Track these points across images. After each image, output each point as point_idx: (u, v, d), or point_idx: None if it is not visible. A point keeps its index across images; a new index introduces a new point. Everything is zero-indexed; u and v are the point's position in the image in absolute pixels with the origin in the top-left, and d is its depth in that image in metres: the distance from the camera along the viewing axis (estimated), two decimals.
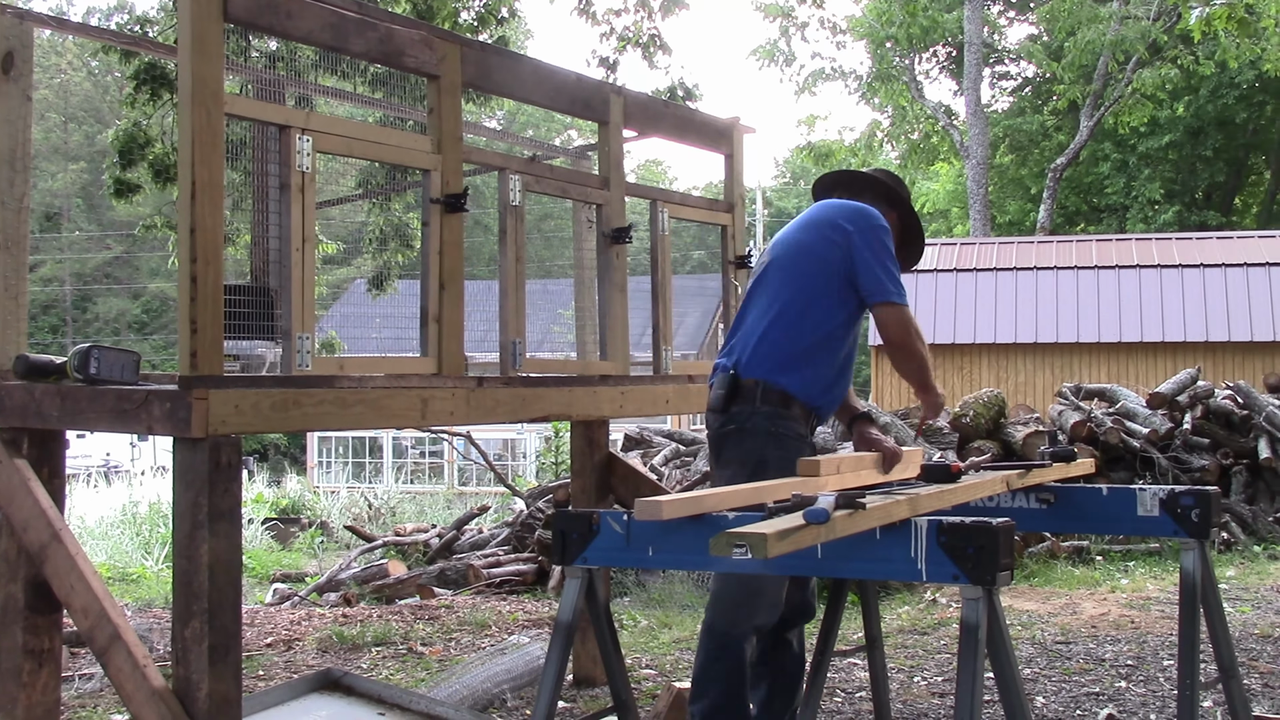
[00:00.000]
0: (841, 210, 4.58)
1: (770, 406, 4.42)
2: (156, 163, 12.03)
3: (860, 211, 4.55)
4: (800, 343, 4.48)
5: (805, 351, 4.47)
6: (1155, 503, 4.06)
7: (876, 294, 4.43)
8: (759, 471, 4.29)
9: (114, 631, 4.06)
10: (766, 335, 4.50)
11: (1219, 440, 12.24)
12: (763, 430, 4.40)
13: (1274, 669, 6.49)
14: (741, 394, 4.45)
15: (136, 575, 13.46)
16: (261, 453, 38.29)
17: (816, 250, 4.51)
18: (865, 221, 4.51)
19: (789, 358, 4.47)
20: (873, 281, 4.44)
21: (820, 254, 4.49)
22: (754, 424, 4.41)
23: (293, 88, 7.14)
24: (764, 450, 4.40)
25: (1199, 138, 34.48)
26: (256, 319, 4.46)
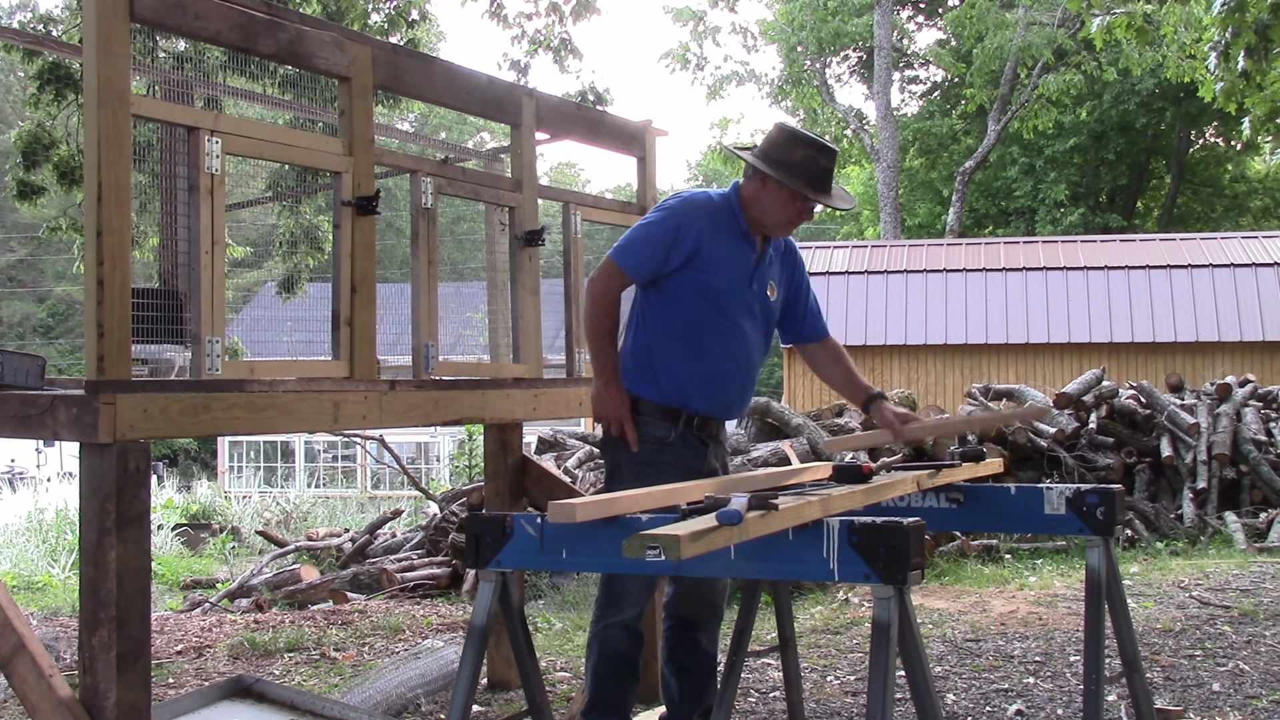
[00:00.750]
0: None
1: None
2: (61, 164, 11.84)
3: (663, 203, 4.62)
4: (645, 343, 4.53)
5: (651, 352, 4.51)
6: (1062, 501, 4.12)
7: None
8: (614, 475, 4.53)
9: (18, 641, 3.99)
10: (623, 343, 4.61)
11: (1123, 439, 12.46)
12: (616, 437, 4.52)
13: (1175, 662, 6.62)
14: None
15: (42, 583, 13.22)
16: (171, 458, 37.73)
17: None
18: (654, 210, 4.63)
19: (636, 361, 4.54)
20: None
21: None
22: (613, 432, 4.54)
23: (201, 89, 7.06)
24: (616, 455, 4.53)
25: (1102, 142, 35.12)
26: (165, 322, 4.40)
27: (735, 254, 4.49)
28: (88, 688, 3.82)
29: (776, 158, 4.39)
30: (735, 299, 4.48)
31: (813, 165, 4.37)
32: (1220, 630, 7.42)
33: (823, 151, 4.41)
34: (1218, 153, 38.72)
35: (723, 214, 4.50)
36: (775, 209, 4.44)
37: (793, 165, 4.36)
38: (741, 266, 4.51)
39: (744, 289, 4.51)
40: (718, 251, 4.44)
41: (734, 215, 4.50)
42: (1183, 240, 23.77)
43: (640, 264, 4.44)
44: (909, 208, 37.10)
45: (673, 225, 4.42)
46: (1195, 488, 11.80)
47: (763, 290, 4.59)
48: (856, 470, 3.87)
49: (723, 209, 4.51)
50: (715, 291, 4.43)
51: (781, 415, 11.94)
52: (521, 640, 3.64)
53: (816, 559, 3.03)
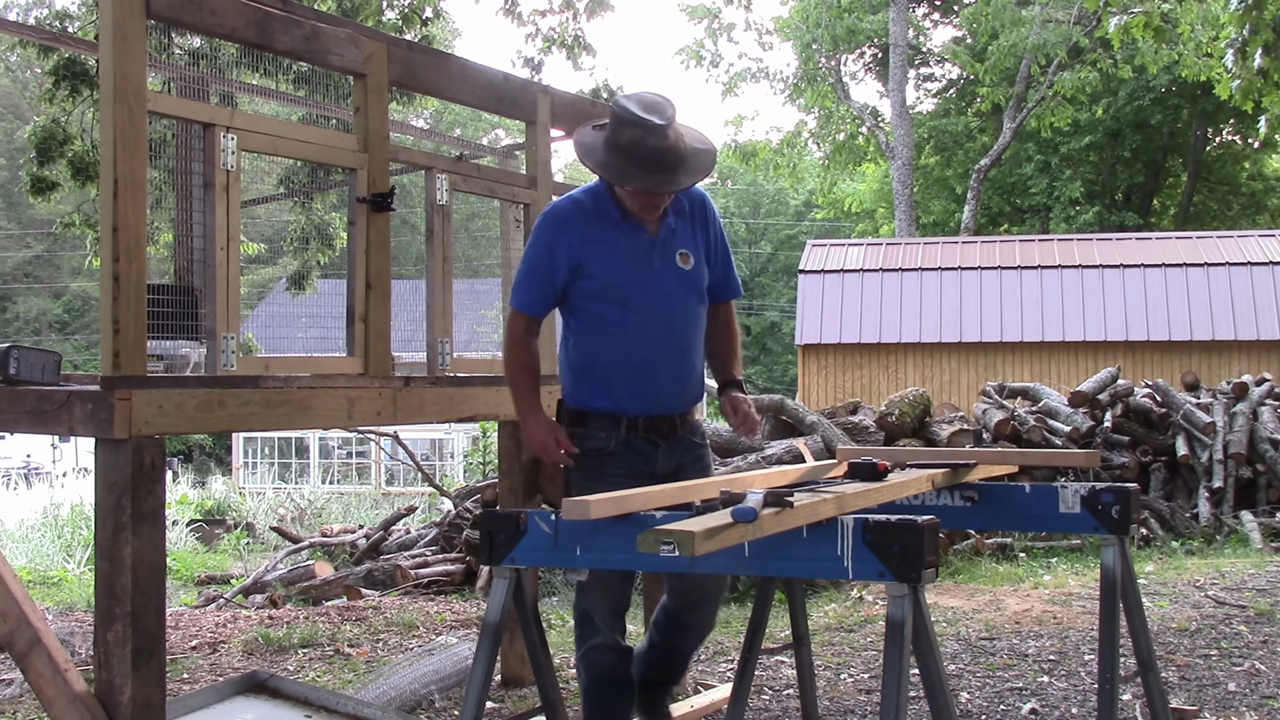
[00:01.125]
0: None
1: (568, 426, 4.41)
2: (76, 160, 11.88)
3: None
4: (570, 357, 4.44)
5: (577, 364, 4.40)
6: (1077, 500, 4.11)
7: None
8: (565, 493, 4.31)
9: (34, 636, 4.01)
10: (559, 362, 4.58)
11: (1138, 438, 12.42)
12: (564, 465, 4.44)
13: (1190, 662, 6.60)
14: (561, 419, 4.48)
15: (58, 578, 13.27)
16: (186, 454, 37.83)
17: None
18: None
19: (567, 371, 4.47)
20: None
21: None
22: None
23: (216, 85, 7.07)
24: (567, 473, 4.43)
25: (1118, 139, 35.00)
26: (180, 319, 4.41)
27: (622, 243, 4.29)
28: (103, 682, 3.83)
29: (611, 141, 4.13)
30: (639, 288, 4.27)
31: (641, 148, 4.06)
32: (1236, 630, 7.40)
33: (651, 131, 4.06)
34: (1234, 150, 38.57)
35: (593, 210, 4.31)
36: (626, 198, 4.25)
37: (621, 150, 4.10)
38: (634, 251, 4.29)
39: (646, 273, 4.28)
40: (600, 249, 4.26)
41: (606, 205, 4.30)
42: (1199, 238, 23.68)
43: (532, 298, 4.34)
44: (924, 205, 37.03)
45: (544, 246, 4.29)
46: (1211, 487, 11.77)
47: (670, 263, 4.33)
48: (872, 468, 3.87)
49: (591, 205, 4.32)
50: (613, 288, 4.26)
51: (795, 413, 11.93)
52: (535, 637, 3.64)
53: (831, 556, 3.03)
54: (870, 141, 34.73)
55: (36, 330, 47.90)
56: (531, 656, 3.70)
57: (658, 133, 4.05)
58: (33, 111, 33.71)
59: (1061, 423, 12.28)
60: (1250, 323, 21.17)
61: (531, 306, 4.35)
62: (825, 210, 45.26)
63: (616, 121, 4.11)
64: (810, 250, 24.55)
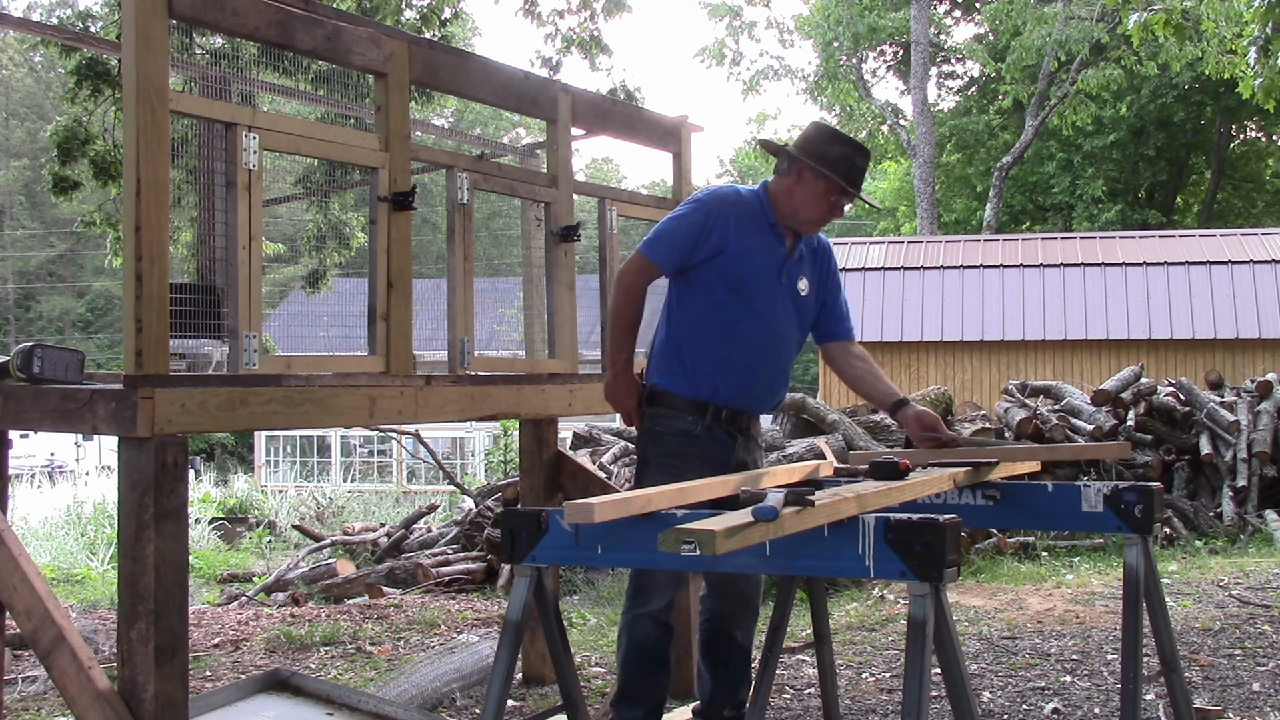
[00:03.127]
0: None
1: (653, 407, 4.58)
2: (98, 159, 11.93)
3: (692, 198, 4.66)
4: (674, 336, 4.58)
5: (679, 344, 4.55)
6: (1099, 499, 4.09)
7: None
8: (642, 469, 4.61)
9: (58, 633, 4.02)
10: (655, 338, 4.68)
11: (1161, 437, 12.38)
12: (645, 430, 4.61)
13: (1214, 662, 6.57)
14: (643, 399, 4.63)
15: (81, 576, 13.34)
16: (208, 452, 37.99)
17: None
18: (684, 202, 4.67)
19: (665, 355, 4.59)
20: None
21: None
22: (643, 425, 4.63)
23: (237, 84, 7.09)
24: (645, 448, 4.61)
25: (1141, 137, 34.86)
26: (203, 317, 4.42)
27: (763, 247, 4.50)
28: (126, 680, 3.85)
29: (814, 152, 4.41)
30: (763, 292, 4.50)
31: (848, 162, 4.41)
32: (1260, 630, 7.36)
33: (858, 151, 4.46)
34: (1259, 148, 38.40)
35: (751, 208, 4.52)
36: (808, 203, 4.46)
37: (829, 159, 4.38)
38: (770, 260, 4.52)
39: (772, 282, 4.52)
40: (745, 244, 4.46)
41: (763, 209, 4.52)
42: (1223, 236, 23.55)
43: (668, 255, 4.46)
44: (945, 203, 36.95)
45: (700, 217, 4.46)
46: (1235, 486, 11.72)
47: (793, 285, 4.59)
48: (893, 466, 3.85)
49: (751, 203, 4.53)
50: (742, 282, 4.46)
51: (817, 411, 11.92)
52: (556, 635, 3.64)
53: (852, 555, 3.02)
54: (891, 140, 34.68)
55: (60, 329, 48.14)
56: (553, 655, 3.70)
57: (864, 154, 4.48)
58: (55, 111, 33.85)
59: (1084, 421, 12.24)
60: (1274, 320, 21.05)
61: (665, 261, 4.47)
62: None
63: (824, 138, 4.45)
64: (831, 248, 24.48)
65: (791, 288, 4.58)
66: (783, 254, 4.54)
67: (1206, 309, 21.44)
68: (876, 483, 3.70)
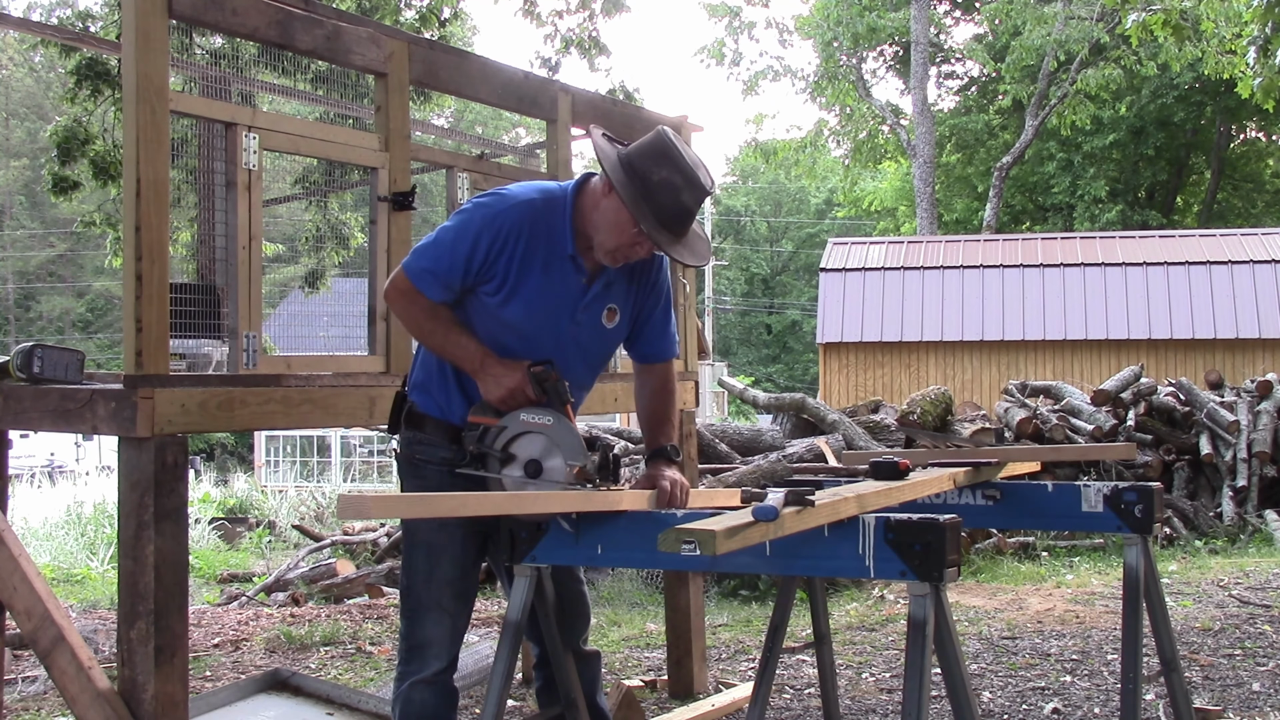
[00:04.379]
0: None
1: (410, 430, 3.79)
2: (97, 160, 11.93)
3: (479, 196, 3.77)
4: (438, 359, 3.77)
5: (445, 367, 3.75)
6: (1099, 499, 4.09)
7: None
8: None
9: (58, 633, 4.02)
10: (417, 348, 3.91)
11: (1161, 437, 12.38)
12: (404, 457, 3.83)
13: (1214, 662, 6.57)
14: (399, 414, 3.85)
15: (81, 576, 13.33)
16: (208, 452, 38.00)
17: None
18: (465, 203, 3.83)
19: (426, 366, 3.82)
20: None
21: None
22: (401, 451, 3.85)
23: (237, 84, 7.09)
24: (405, 480, 3.87)
25: (1141, 137, 34.87)
26: (203, 317, 4.42)
27: (556, 281, 3.62)
28: (126, 680, 3.84)
29: (638, 168, 3.49)
30: (548, 334, 3.65)
31: (670, 195, 3.47)
32: (1260, 630, 7.36)
33: (690, 185, 3.49)
34: (1259, 148, 38.40)
35: (546, 223, 3.61)
36: (608, 230, 3.55)
37: (648, 185, 3.47)
38: (562, 295, 3.64)
39: (562, 322, 3.67)
40: (533, 278, 3.59)
41: (562, 231, 3.61)
42: (1223, 236, 23.57)
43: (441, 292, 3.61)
44: (945, 203, 36.95)
45: (474, 248, 3.56)
46: (1235, 485, 11.72)
47: (594, 320, 3.73)
48: (893, 466, 3.85)
49: (548, 222, 3.62)
50: (524, 322, 3.62)
51: (817, 411, 11.92)
52: (556, 636, 3.64)
53: (852, 555, 3.02)
54: (891, 139, 34.69)
55: (60, 329, 48.16)
56: (552, 655, 3.70)
57: (696, 190, 3.52)
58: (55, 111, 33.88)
59: (1084, 421, 12.25)
60: (1274, 320, 21.06)
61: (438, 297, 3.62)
62: (846, 209, 45.25)
63: (655, 153, 3.50)
64: (831, 249, 24.54)
65: (593, 322, 3.73)
66: (581, 285, 3.66)
67: (1206, 309, 21.45)
68: (876, 483, 3.69)
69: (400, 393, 3.86)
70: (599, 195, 3.57)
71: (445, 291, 3.60)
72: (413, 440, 3.78)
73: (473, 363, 3.59)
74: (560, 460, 3.43)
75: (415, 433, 3.77)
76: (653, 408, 3.95)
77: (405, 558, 3.80)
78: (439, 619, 3.70)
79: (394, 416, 3.85)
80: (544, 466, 3.45)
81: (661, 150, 3.49)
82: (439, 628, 3.70)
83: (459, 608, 3.74)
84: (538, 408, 3.47)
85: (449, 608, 3.71)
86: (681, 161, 3.48)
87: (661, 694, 6.19)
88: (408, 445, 3.80)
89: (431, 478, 3.71)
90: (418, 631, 3.72)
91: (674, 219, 3.49)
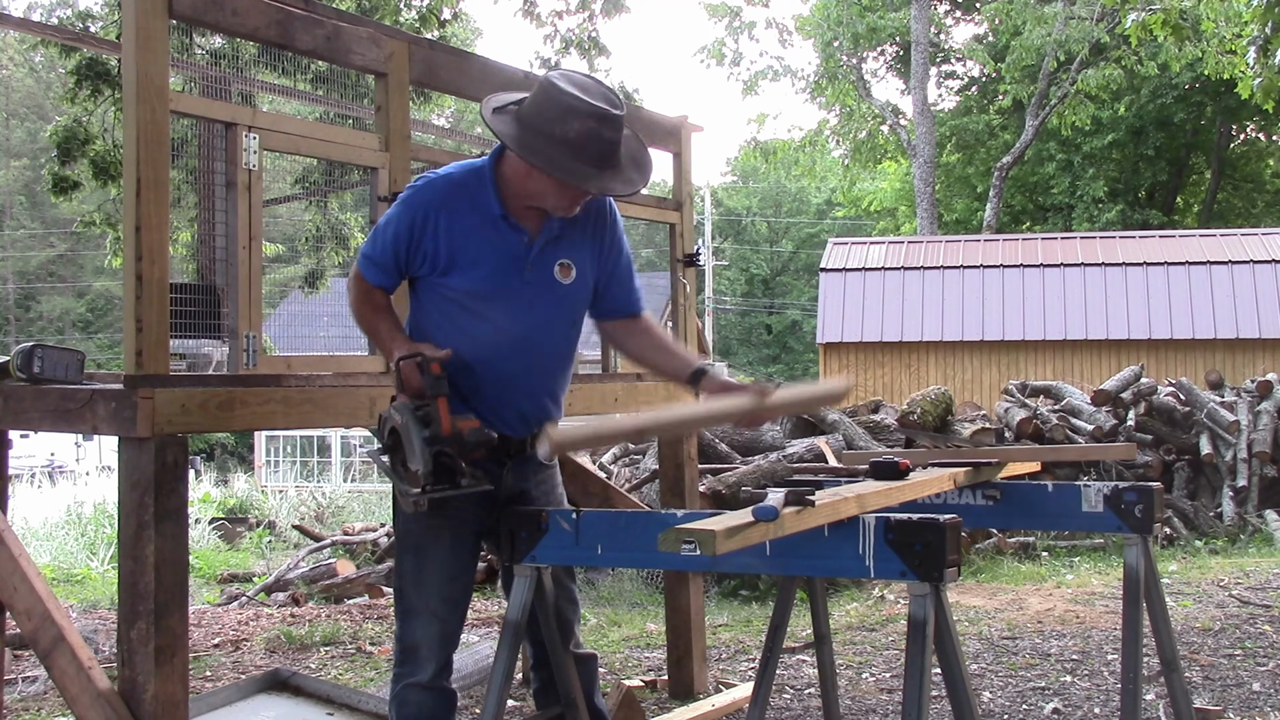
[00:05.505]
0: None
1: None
2: (97, 160, 11.93)
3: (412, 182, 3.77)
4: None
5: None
6: (1100, 499, 4.09)
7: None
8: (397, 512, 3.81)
9: (58, 633, 4.02)
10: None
11: (1162, 437, 12.38)
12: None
13: (1214, 662, 6.57)
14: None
15: (81, 576, 13.33)
16: (208, 452, 38.00)
17: None
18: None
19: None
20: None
21: None
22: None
23: (237, 84, 7.09)
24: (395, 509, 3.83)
25: (1141, 137, 34.85)
26: (203, 318, 4.42)
27: (494, 244, 3.60)
28: (126, 680, 3.84)
29: (544, 131, 3.42)
30: (502, 298, 3.61)
31: (592, 141, 3.41)
32: (1260, 630, 7.37)
33: (605, 121, 3.42)
34: (1259, 148, 38.38)
35: (468, 191, 3.60)
36: (544, 193, 3.53)
37: (567, 143, 3.41)
38: (504, 256, 3.60)
39: (511, 282, 3.61)
40: (466, 247, 3.58)
41: (488, 196, 3.60)
42: (1223, 236, 23.57)
43: (385, 278, 3.67)
44: (946, 203, 36.94)
45: (403, 229, 3.58)
46: (1235, 485, 11.72)
47: (546, 275, 3.66)
48: (894, 466, 3.86)
49: (470, 192, 3.61)
50: (472, 294, 3.60)
51: (817, 411, 11.91)
52: (556, 636, 3.65)
53: (852, 555, 3.02)
54: (892, 139, 34.69)
55: (60, 329, 48.16)
56: (552, 655, 3.70)
57: (613, 124, 3.45)
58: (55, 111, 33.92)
59: (1084, 421, 12.25)
60: (1274, 320, 21.06)
61: (383, 284, 3.68)
62: (846, 209, 45.26)
63: (557, 111, 3.41)
64: (832, 248, 24.54)
65: (545, 279, 3.66)
66: (523, 244, 3.62)
67: (1206, 309, 21.44)
68: (876, 483, 3.69)
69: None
70: (522, 168, 3.52)
71: (382, 275, 3.65)
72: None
73: (385, 350, 3.72)
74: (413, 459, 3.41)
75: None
76: (655, 343, 3.88)
77: (396, 560, 3.80)
78: (428, 622, 3.69)
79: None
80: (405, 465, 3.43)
81: (561, 103, 3.41)
82: (428, 631, 3.70)
83: (449, 611, 3.73)
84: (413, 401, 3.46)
85: (438, 611, 3.69)
86: (583, 104, 3.40)
87: (661, 694, 6.19)
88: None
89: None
90: (409, 634, 3.72)
91: (596, 157, 3.44)
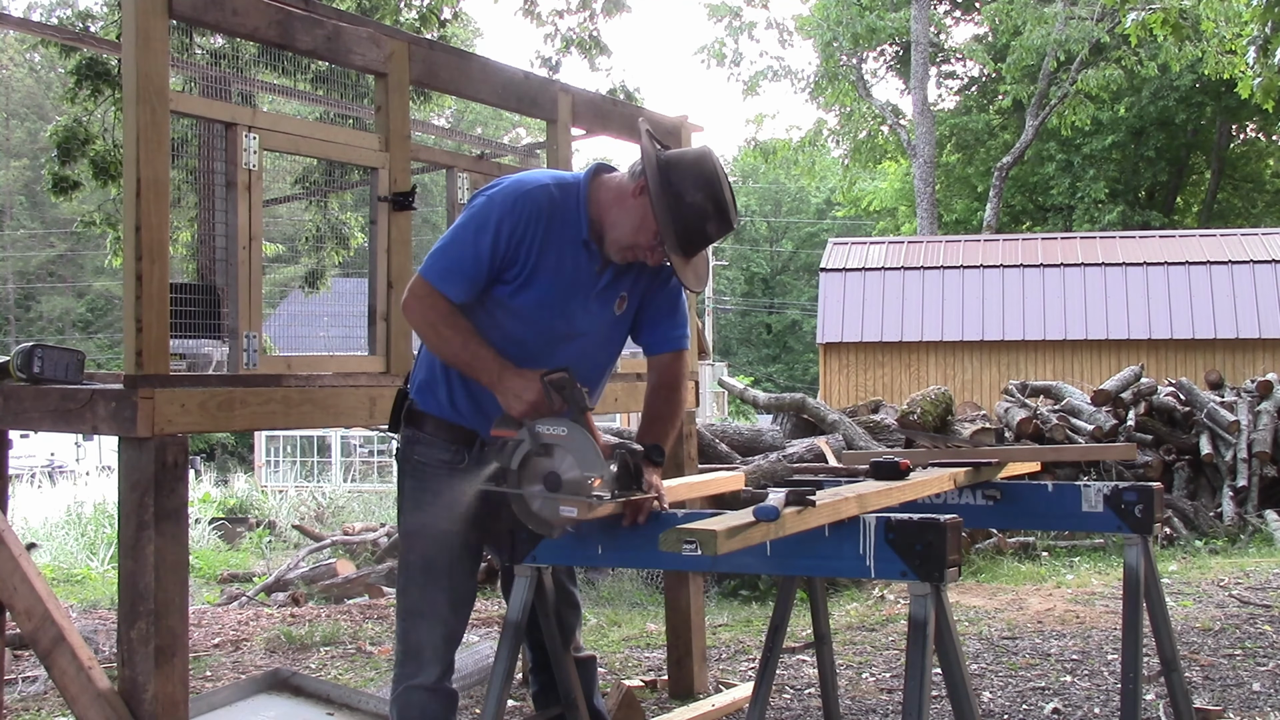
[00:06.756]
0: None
1: (410, 428, 3.75)
2: (97, 159, 11.93)
3: (488, 187, 3.65)
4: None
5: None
6: (1100, 499, 4.09)
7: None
8: (401, 503, 3.83)
9: (58, 633, 4.02)
10: (420, 347, 3.83)
11: (1162, 437, 12.38)
12: (403, 456, 3.78)
13: (1214, 662, 6.57)
14: (399, 413, 3.81)
15: (81, 576, 13.32)
16: (208, 452, 38.01)
17: None
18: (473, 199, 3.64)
19: (429, 364, 3.75)
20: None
21: None
22: (401, 450, 3.80)
23: (237, 84, 7.09)
24: (403, 478, 3.81)
25: (1141, 138, 34.85)
26: (203, 318, 4.42)
27: (570, 266, 3.56)
28: (126, 680, 3.84)
29: (675, 183, 3.43)
30: (561, 321, 3.60)
31: (698, 220, 3.43)
32: (1260, 630, 7.36)
33: (719, 216, 3.46)
34: (1259, 148, 38.39)
35: (563, 216, 3.55)
36: (629, 227, 3.51)
37: (681, 203, 3.42)
38: (576, 281, 3.58)
39: (575, 309, 3.61)
40: (549, 265, 3.53)
41: (578, 216, 3.56)
42: (1223, 236, 23.57)
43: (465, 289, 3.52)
44: (946, 203, 36.94)
45: (500, 238, 3.47)
46: (1235, 485, 11.72)
47: (605, 307, 3.67)
48: (894, 466, 3.85)
49: (565, 209, 3.55)
50: (539, 310, 3.57)
51: (817, 411, 11.92)
52: (556, 636, 3.64)
53: (853, 555, 3.02)
54: (891, 139, 34.69)
55: (60, 329, 48.15)
56: (552, 655, 3.70)
57: (722, 223, 3.48)
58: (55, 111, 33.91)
59: (1084, 421, 12.25)
60: (1275, 320, 21.06)
61: (461, 296, 3.52)
62: (846, 209, 45.26)
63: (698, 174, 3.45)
64: (832, 249, 24.54)
65: (603, 310, 3.67)
66: (595, 272, 3.60)
67: (1206, 309, 21.45)
68: (877, 483, 3.69)
69: (402, 390, 3.83)
70: (626, 192, 3.51)
71: (470, 289, 3.50)
72: (412, 439, 3.74)
73: (490, 375, 3.47)
74: (578, 472, 3.30)
75: (415, 431, 3.73)
76: (650, 403, 3.83)
77: (400, 561, 3.80)
78: (432, 625, 3.69)
79: (395, 415, 3.81)
80: (562, 480, 3.30)
81: (702, 173, 3.45)
82: (433, 633, 3.70)
83: (453, 614, 3.73)
84: (554, 419, 3.36)
85: (443, 614, 3.70)
86: (718, 190, 3.44)
87: (661, 694, 6.19)
88: (407, 444, 3.76)
89: (429, 479, 3.70)
90: (412, 636, 3.71)
91: (693, 242, 3.46)
